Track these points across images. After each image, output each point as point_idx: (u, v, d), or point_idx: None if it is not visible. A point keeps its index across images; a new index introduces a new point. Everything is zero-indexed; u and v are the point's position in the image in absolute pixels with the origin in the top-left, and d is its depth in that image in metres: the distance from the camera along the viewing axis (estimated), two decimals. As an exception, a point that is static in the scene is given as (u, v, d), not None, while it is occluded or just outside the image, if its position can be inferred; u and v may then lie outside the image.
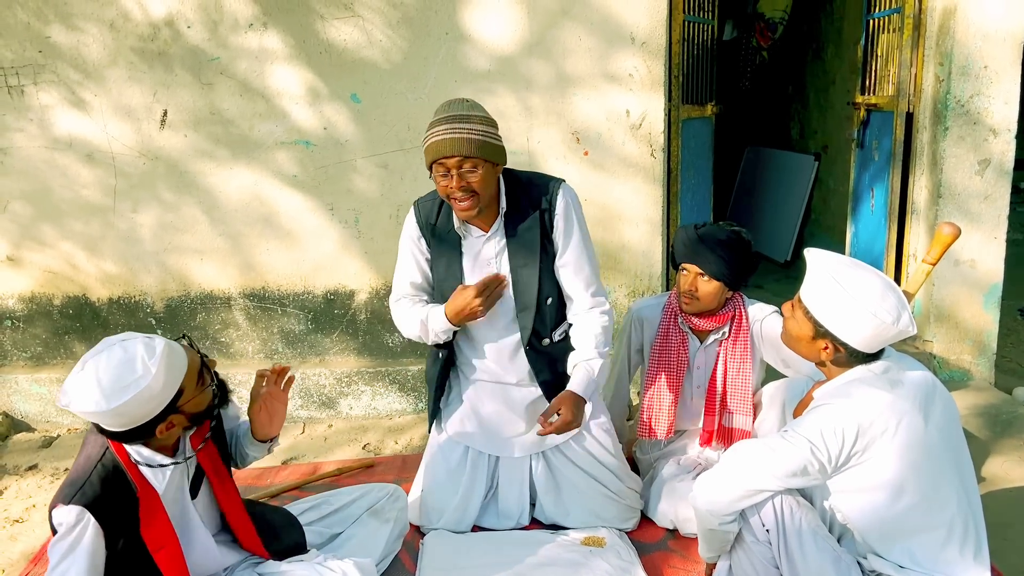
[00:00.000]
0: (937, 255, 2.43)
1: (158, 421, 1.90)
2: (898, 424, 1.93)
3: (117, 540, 1.92)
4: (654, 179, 3.85)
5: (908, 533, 1.96)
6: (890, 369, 2.05)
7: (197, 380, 1.98)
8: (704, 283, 2.71)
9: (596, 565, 2.57)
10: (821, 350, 2.07)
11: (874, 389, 1.98)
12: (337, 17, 3.70)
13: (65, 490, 1.89)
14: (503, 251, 2.60)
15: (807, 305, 2.07)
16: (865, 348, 2.02)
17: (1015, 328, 4.98)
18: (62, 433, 3.99)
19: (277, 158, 3.87)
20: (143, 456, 1.96)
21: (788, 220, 6.28)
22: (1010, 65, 3.69)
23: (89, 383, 1.83)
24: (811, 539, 1.93)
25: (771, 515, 1.94)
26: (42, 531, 3.08)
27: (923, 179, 4.01)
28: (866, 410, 1.94)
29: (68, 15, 3.72)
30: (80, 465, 1.94)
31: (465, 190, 2.42)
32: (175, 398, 1.91)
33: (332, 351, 4.14)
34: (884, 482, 1.95)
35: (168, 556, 1.98)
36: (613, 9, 3.65)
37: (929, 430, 1.96)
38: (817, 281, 2.05)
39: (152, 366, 1.83)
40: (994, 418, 3.65)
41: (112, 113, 3.82)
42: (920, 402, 1.99)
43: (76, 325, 4.11)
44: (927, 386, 2.05)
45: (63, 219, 3.96)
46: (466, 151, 2.38)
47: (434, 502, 2.84)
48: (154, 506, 1.96)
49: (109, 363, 1.84)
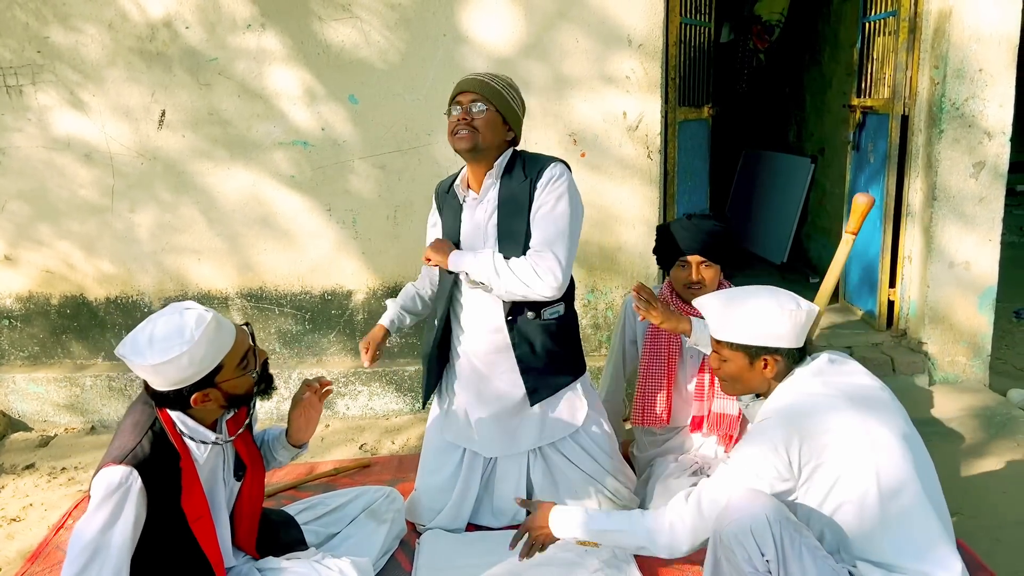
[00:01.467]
0: (856, 224, 2.57)
1: (194, 389, 1.99)
2: (838, 423, 1.98)
3: (157, 507, 1.99)
4: (651, 181, 3.86)
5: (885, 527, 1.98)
6: (823, 371, 2.12)
7: (240, 361, 2.07)
8: (707, 269, 2.83)
9: (591, 564, 2.58)
10: (763, 370, 2.15)
11: (809, 395, 2.05)
12: (335, 18, 3.71)
13: (115, 452, 1.97)
14: (493, 215, 2.63)
15: (727, 340, 2.17)
16: (792, 343, 2.12)
17: (1010, 330, 5.00)
18: (59, 432, 4.00)
19: (275, 158, 3.88)
20: (188, 427, 2.06)
21: (784, 222, 6.30)
22: (1005, 68, 3.70)
23: (143, 338, 1.96)
24: (812, 561, 1.93)
25: (771, 546, 1.94)
26: (39, 530, 3.08)
27: (918, 181, 4.02)
28: (803, 418, 2.00)
29: (67, 15, 3.72)
30: (127, 430, 2.03)
31: (467, 124, 2.53)
32: (214, 371, 2.01)
33: (329, 351, 4.15)
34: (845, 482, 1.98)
35: (204, 526, 2.08)
36: (610, 11, 3.67)
37: (869, 423, 2.00)
38: (719, 316, 2.18)
39: (196, 333, 1.94)
40: (988, 420, 3.67)
41: (110, 113, 3.83)
42: (857, 397, 2.04)
43: (73, 325, 4.12)
44: (862, 381, 2.11)
45: (61, 219, 3.97)
46: (479, 89, 2.56)
47: (430, 502, 2.85)
48: (193, 477, 2.05)
49: (165, 325, 1.97)
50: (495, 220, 2.61)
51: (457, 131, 2.54)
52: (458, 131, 2.54)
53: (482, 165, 2.62)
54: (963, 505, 3.06)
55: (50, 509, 3.25)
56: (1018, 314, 5.25)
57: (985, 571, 2.57)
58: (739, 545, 1.94)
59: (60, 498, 3.34)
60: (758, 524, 1.92)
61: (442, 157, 3.85)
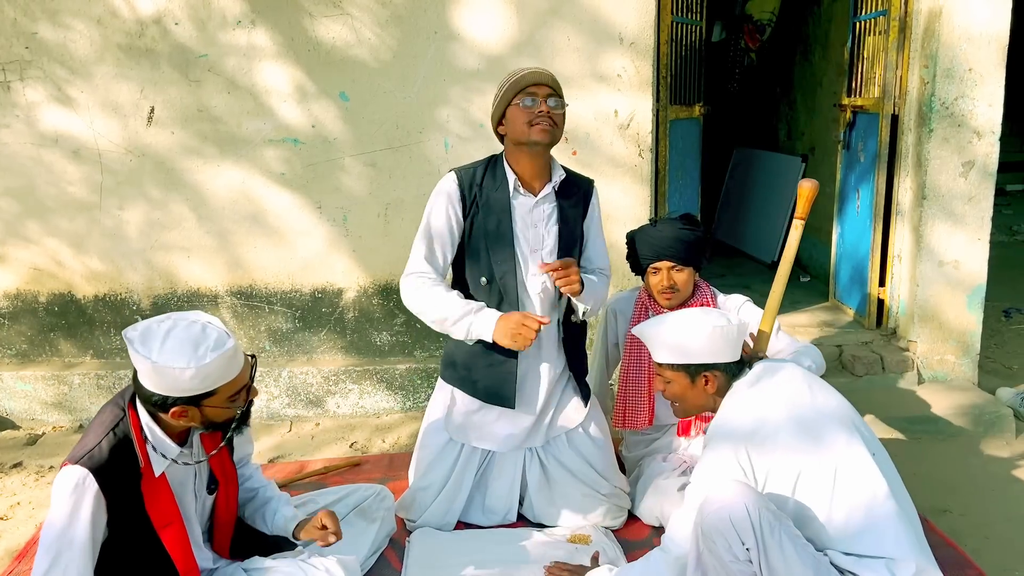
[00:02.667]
0: (804, 209, 2.64)
1: (176, 403, 1.95)
2: (779, 431, 2.08)
3: (119, 512, 1.95)
4: (642, 179, 3.86)
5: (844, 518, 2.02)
6: (761, 378, 2.22)
7: (233, 394, 2.02)
8: (678, 273, 2.83)
9: (581, 562, 2.57)
10: (704, 387, 2.25)
11: (749, 408, 2.15)
12: (326, 15, 3.69)
13: (76, 452, 1.94)
14: (553, 218, 2.67)
15: (666, 362, 2.28)
16: (728, 357, 2.23)
17: (999, 329, 5.02)
18: (47, 431, 3.98)
19: (265, 156, 3.86)
20: (154, 436, 2.01)
21: (775, 221, 6.31)
22: (994, 68, 3.72)
23: (158, 335, 1.92)
24: (792, 548, 1.94)
25: (751, 535, 1.95)
26: (27, 529, 3.07)
27: (908, 181, 4.04)
28: (746, 435, 2.10)
29: (55, 11, 3.70)
30: (93, 429, 2.00)
31: (549, 117, 2.54)
32: (205, 395, 1.96)
33: (319, 349, 4.14)
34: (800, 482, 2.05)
35: (174, 533, 2.03)
36: (602, 9, 3.66)
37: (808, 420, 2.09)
38: (656, 340, 2.29)
39: (210, 356, 1.90)
40: (977, 418, 3.68)
41: (99, 110, 3.81)
42: (794, 402, 2.14)
43: (61, 322, 4.09)
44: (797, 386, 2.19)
45: (49, 216, 3.94)
46: (555, 86, 2.59)
47: (424, 499, 2.84)
48: (158, 483, 2.01)
49: (185, 332, 1.93)
50: (555, 224, 2.68)
51: (539, 123, 2.52)
52: (540, 123, 2.52)
53: (542, 163, 2.65)
54: (952, 503, 3.07)
55: (38, 508, 3.23)
56: (1007, 313, 5.28)
57: (974, 568, 2.58)
58: (719, 535, 1.96)
59: (47, 496, 3.31)
60: (737, 513, 1.94)
61: (433, 155, 3.84)
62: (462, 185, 2.65)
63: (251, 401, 2.12)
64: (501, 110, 2.61)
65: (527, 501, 2.88)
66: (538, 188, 2.66)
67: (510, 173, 2.64)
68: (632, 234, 2.95)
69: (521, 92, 2.55)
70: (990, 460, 3.44)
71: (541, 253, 2.67)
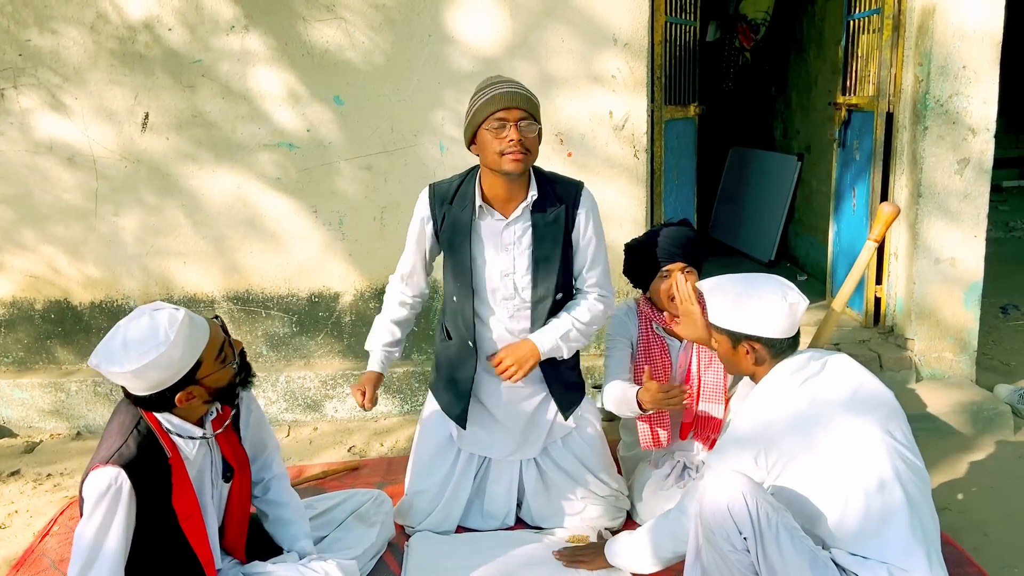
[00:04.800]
0: (881, 233, 2.56)
1: (177, 389, 1.99)
2: (808, 425, 2.05)
3: (147, 508, 1.98)
4: (638, 180, 3.86)
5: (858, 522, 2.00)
6: (805, 366, 2.15)
7: (217, 355, 2.07)
8: (690, 275, 2.77)
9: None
10: (744, 356, 2.21)
11: (781, 398, 2.11)
12: (319, 19, 3.69)
13: (102, 454, 1.97)
14: (526, 238, 2.55)
15: (714, 322, 2.24)
16: (772, 332, 2.15)
17: (996, 326, 5.02)
18: (44, 439, 3.96)
19: (260, 160, 3.86)
20: (174, 424, 2.06)
21: (772, 220, 6.32)
22: (988, 65, 3.72)
23: (116, 345, 1.95)
24: (788, 540, 1.95)
25: (748, 523, 1.96)
26: (24, 537, 3.06)
27: (903, 178, 4.04)
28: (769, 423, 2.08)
29: (47, 18, 3.69)
30: (114, 431, 2.02)
31: (521, 144, 2.39)
32: (194, 368, 2.00)
33: (317, 354, 4.13)
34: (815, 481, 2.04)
35: (195, 525, 2.07)
36: (596, 10, 3.66)
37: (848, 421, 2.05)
38: (710, 298, 2.25)
39: (171, 333, 1.93)
40: (975, 415, 3.68)
41: (93, 116, 3.80)
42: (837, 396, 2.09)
43: (58, 330, 4.08)
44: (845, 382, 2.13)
45: (44, 223, 3.93)
46: (528, 107, 2.42)
47: (421, 504, 2.84)
48: (183, 475, 2.05)
49: (138, 328, 1.96)
50: (529, 245, 2.56)
51: (510, 152, 2.39)
52: (511, 153, 2.38)
53: (516, 187, 2.52)
54: (950, 500, 3.07)
55: (36, 516, 3.22)
56: (1004, 309, 5.28)
57: (972, 566, 2.58)
58: (717, 524, 1.99)
59: (46, 504, 3.31)
60: (735, 502, 1.97)
61: (429, 158, 3.84)
62: (432, 203, 2.63)
63: (243, 352, 2.17)
64: (472, 131, 2.47)
65: (525, 505, 2.88)
66: (512, 208, 2.54)
67: (478, 194, 2.53)
68: (634, 243, 2.87)
69: (490, 117, 2.40)
70: (989, 457, 3.44)
71: (513, 277, 2.57)
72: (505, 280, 2.58)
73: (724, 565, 2.02)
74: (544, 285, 2.58)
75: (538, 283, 2.58)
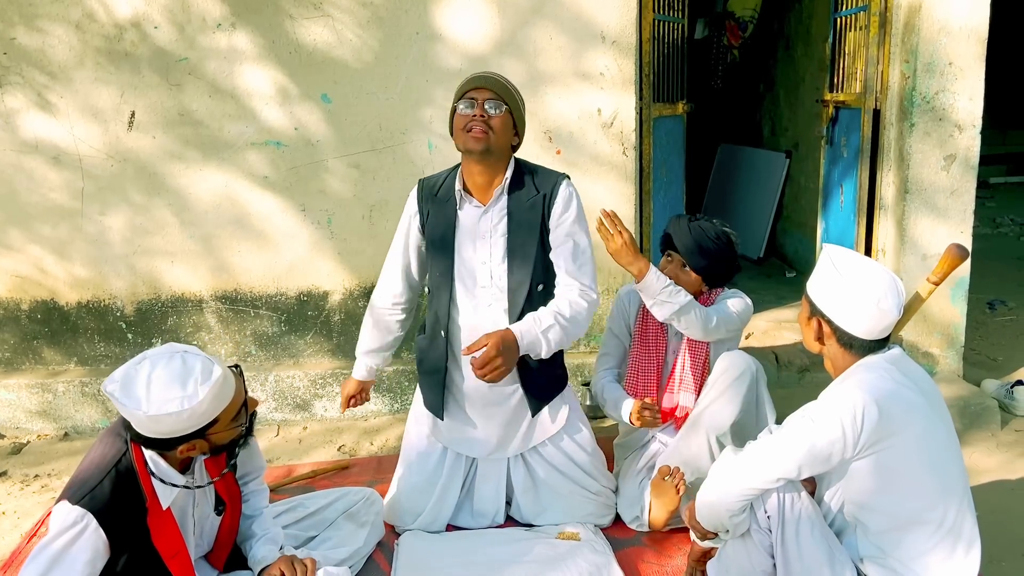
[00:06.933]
0: (942, 276, 2.43)
1: (183, 441, 1.89)
2: (912, 413, 1.96)
3: (123, 547, 1.90)
4: (626, 177, 3.86)
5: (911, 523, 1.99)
6: (899, 361, 2.07)
7: (234, 416, 1.98)
8: (684, 273, 2.81)
9: (570, 560, 2.57)
10: (814, 331, 2.12)
11: (888, 378, 1.99)
12: (306, 17, 3.68)
13: (75, 488, 1.87)
14: (501, 225, 2.56)
15: (807, 288, 2.14)
16: (851, 327, 2.04)
17: (983, 321, 5.05)
18: (32, 439, 3.94)
19: (248, 159, 3.84)
20: (159, 469, 1.95)
21: (760, 217, 6.33)
22: (974, 61, 3.74)
23: (140, 383, 1.82)
24: (808, 530, 1.95)
25: (774, 503, 1.97)
26: (12, 538, 3.04)
27: (890, 175, 4.06)
28: (884, 395, 1.95)
29: (33, 16, 3.67)
30: (93, 464, 1.92)
31: (484, 122, 2.44)
32: (208, 425, 1.90)
33: (306, 353, 4.12)
34: (900, 469, 1.96)
35: (180, 562, 1.98)
36: (584, 8, 3.66)
37: (936, 423, 2.01)
38: (821, 262, 2.13)
39: (202, 391, 1.83)
40: (963, 410, 3.70)
41: (79, 115, 3.77)
42: (929, 395, 2.04)
43: (45, 330, 4.06)
44: (929, 381, 2.10)
45: (30, 223, 3.91)
46: (497, 88, 2.48)
47: (410, 504, 2.83)
48: (164, 515, 1.95)
49: (166, 371, 1.83)
50: (504, 234, 2.57)
51: (471, 128, 2.44)
52: (473, 128, 2.44)
53: (488, 170, 2.54)
54: (939, 495, 3.08)
55: (23, 517, 3.20)
56: (991, 305, 5.31)
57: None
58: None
59: (33, 506, 3.29)
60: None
61: (417, 156, 3.83)
62: (420, 197, 2.69)
63: (254, 413, 2.07)
64: (451, 118, 2.56)
65: (514, 503, 2.88)
66: (490, 196, 2.58)
67: (459, 183, 2.58)
68: (675, 217, 2.95)
69: (462, 97, 2.49)
70: (976, 452, 3.46)
71: (489, 265, 2.58)
72: (482, 268, 2.59)
73: (743, 544, 2.03)
74: (520, 273, 2.58)
75: (513, 270, 2.58)
